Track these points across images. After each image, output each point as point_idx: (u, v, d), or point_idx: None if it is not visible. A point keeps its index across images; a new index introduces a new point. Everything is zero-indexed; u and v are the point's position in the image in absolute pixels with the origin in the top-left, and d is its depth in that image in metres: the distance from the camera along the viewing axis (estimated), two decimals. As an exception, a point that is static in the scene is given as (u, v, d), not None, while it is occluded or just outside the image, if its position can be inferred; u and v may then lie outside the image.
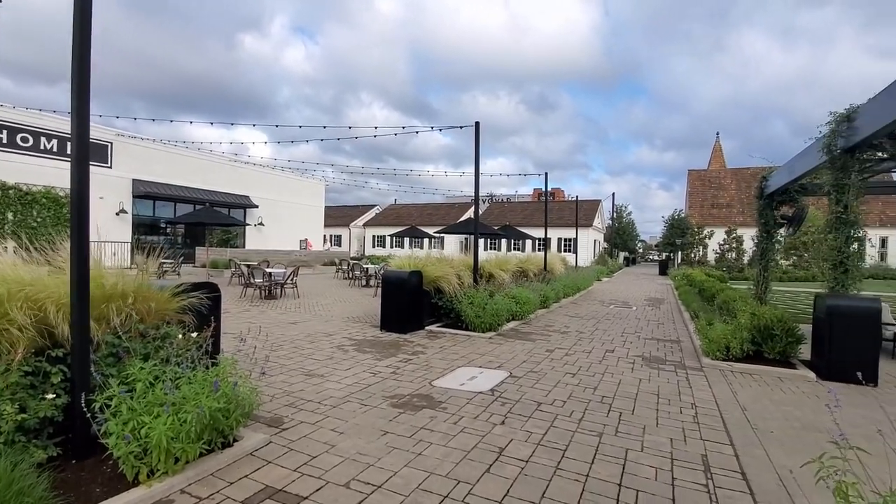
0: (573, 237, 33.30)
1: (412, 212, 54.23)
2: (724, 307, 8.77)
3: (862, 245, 6.85)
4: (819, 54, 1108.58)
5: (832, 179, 6.76)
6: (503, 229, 25.27)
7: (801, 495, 2.92)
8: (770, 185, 11.06)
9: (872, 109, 5.95)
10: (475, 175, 9.86)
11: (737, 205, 42.85)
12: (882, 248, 37.81)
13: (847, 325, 5.82)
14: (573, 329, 9.21)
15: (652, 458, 3.46)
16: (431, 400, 4.61)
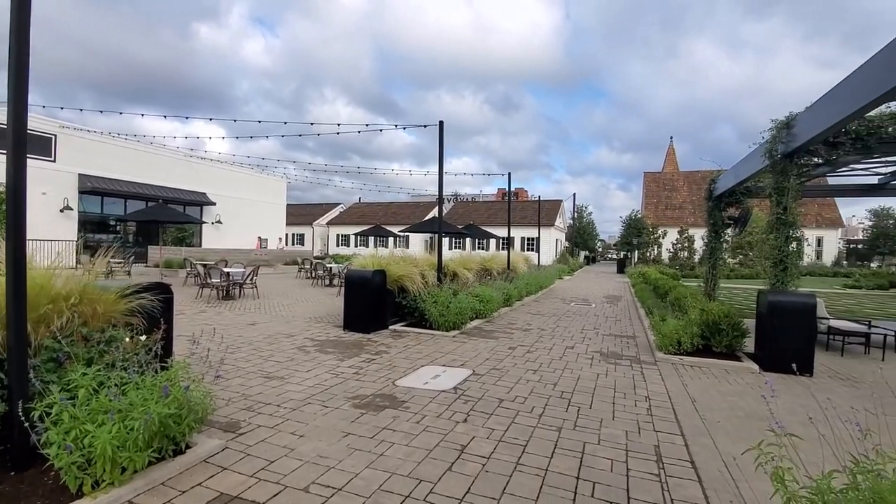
0: (536, 236, 33.91)
1: (377, 210, 53.76)
2: (677, 304, 9.15)
3: (800, 244, 7.29)
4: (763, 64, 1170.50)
5: (773, 183, 7.16)
6: (467, 228, 25.43)
7: (744, 480, 3.08)
8: (718, 187, 11.62)
9: (808, 118, 6.34)
10: (439, 174, 9.87)
11: (689, 206, 44.79)
12: (818, 248, 40.45)
13: (786, 320, 6.19)
14: (535, 326, 9.37)
15: (608, 450, 3.56)
16: (394, 400, 4.58)
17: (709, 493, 2.95)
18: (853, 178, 10.50)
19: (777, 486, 1.78)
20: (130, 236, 25.22)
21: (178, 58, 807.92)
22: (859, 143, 6.59)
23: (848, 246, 45.53)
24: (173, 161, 25.83)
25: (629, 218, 43.37)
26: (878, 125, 6.49)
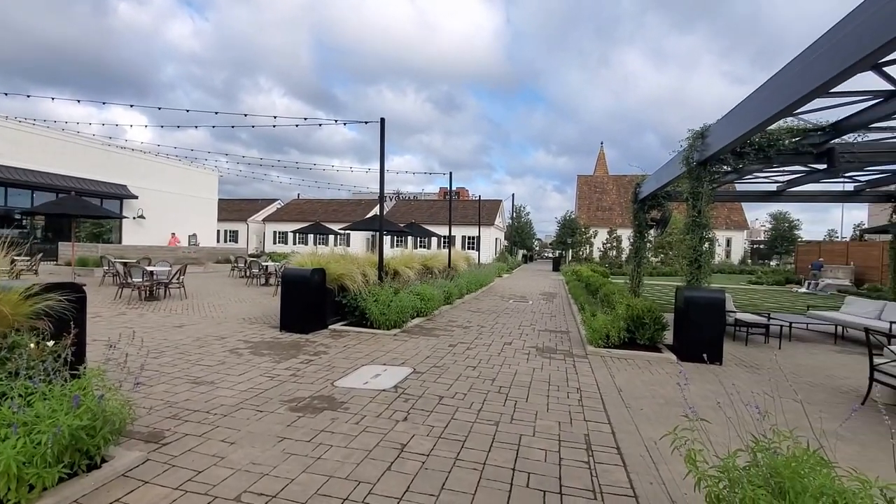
0: (476, 235, 34.45)
1: (317, 207, 52.20)
2: (606, 300, 9.65)
3: (712, 245, 7.95)
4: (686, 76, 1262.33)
5: (689, 188, 7.75)
6: (409, 227, 25.33)
7: (663, 462, 3.32)
8: (642, 191, 12.39)
9: (719, 129, 6.92)
10: (380, 172, 9.75)
11: (617, 208, 47.40)
12: (727, 248, 44.27)
13: (699, 313, 6.72)
14: (475, 324, 9.52)
15: (542, 441, 3.70)
16: (333, 401, 4.48)
17: (632, 476, 3.14)
18: (757, 185, 11.60)
19: (690, 467, 1.93)
20: (38, 231, 22.76)
21: (94, 36, 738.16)
22: (761, 153, 7.29)
23: (752, 246, 50.17)
24: (89, 149, 23.57)
25: (564, 218, 45.21)
26: (777, 138, 7.21)
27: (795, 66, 4.87)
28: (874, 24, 3.66)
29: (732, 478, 1.84)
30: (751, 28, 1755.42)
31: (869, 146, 7.36)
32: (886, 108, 5.70)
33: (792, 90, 4.89)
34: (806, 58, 4.66)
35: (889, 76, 4.95)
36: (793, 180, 10.42)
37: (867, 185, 10.89)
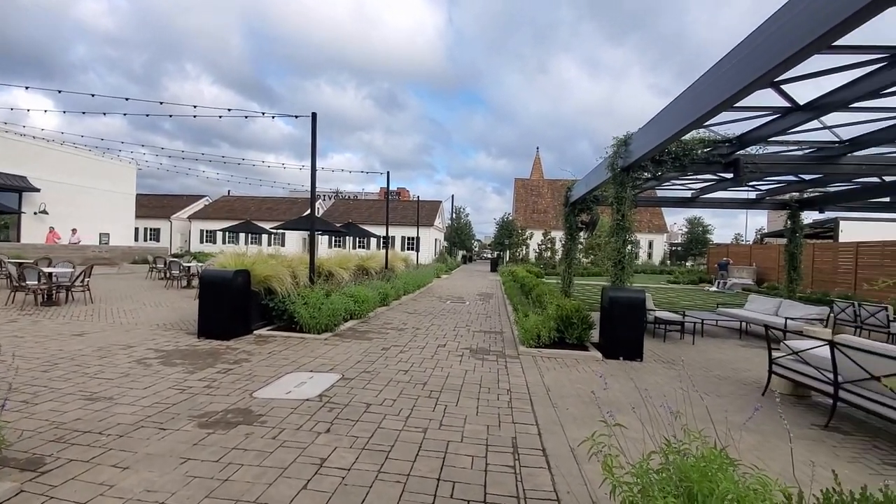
0: (416, 236, 34.31)
1: (249, 205, 49.61)
2: (538, 300, 9.86)
3: (634, 247, 8.34)
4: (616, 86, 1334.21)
5: (614, 193, 8.07)
6: (346, 227, 24.68)
7: (587, 462, 3.34)
8: (573, 195, 12.83)
9: (640, 138, 7.25)
10: (311, 169, 9.34)
11: (551, 211, 49.12)
12: (650, 249, 47.28)
13: (622, 312, 7.01)
14: (410, 325, 9.37)
15: (470, 447, 3.62)
16: (249, 414, 4.14)
17: (556, 478, 3.14)
18: (675, 191, 12.40)
19: (606, 474, 1.91)
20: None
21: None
22: (677, 162, 7.73)
23: (671, 248, 53.94)
24: (-22, 137, 20.84)
25: (502, 220, 46.22)
26: (691, 148, 7.68)
27: (705, 81, 5.17)
28: (772, 44, 3.94)
29: (646, 482, 1.83)
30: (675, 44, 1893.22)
31: (768, 158, 8.03)
32: (783, 123, 6.23)
33: (702, 103, 5.18)
34: (714, 73, 4.96)
35: (785, 93, 5.38)
36: (705, 188, 11.22)
37: (767, 194, 11.98)
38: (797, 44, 3.58)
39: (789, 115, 6.06)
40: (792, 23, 3.66)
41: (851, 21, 3.12)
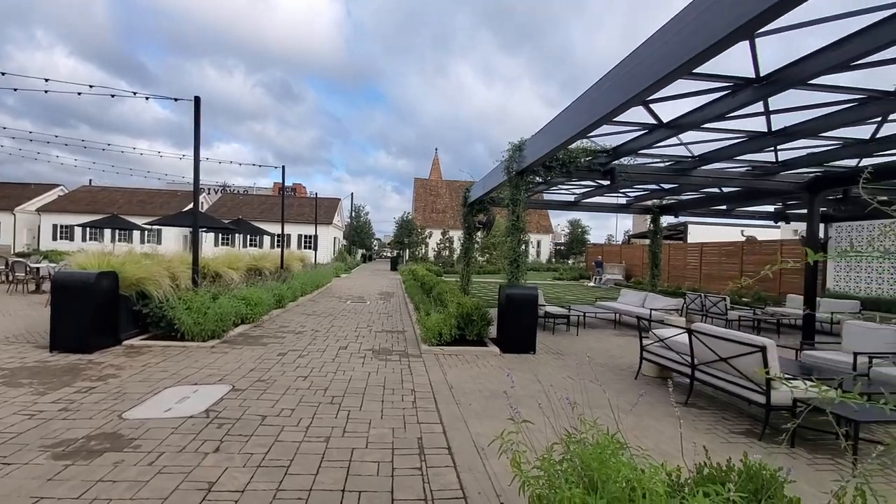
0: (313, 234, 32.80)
1: (117, 197, 43.35)
2: (439, 298, 9.98)
3: (527, 246, 8.82)
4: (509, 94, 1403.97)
5: (510, 195, 8.45)
6: (236, 224, 22.74)
7: (491, 457, 3.42)
8: (471, 196, 13.22)
9: (532, 145, 7.68)
10: (195, 159, 8.41)
11: (450, 211, 50.32)
12: (538, 248, 50.71)
13: (518, 308, 7.36)
14: (309, 328, 8.90)
15: (376, 452, 3.50)
16: (119, 439, 3.57)
17: (462, 475, 3.16)
18: (560, 195, 13.39)
19: (515, 471, 1.94)
20: None
21: None
22: (564, 168, 8.32)
23: (556, 247, 58.40)
24: None
25: (402, 219, 46.20)
26: (576, 156, 8.31)
27: (589, 97, 5.62)
28: (645, 68, 4.38)
29: (551, 474, 1.90)
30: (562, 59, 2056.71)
31: (638, 168, 9.01)
32: (650, 138, 7.01)
33: (586, 116, 5.62)
34: (597, 90, 5.40)
35: (653, 112, 6.06)
36: (586, 193, 12.28)
37: (635, 200, 13.48)
38: (666, 69, 4.02)
39: (655, 132, 6.83)
40: (662, 50, 4.10)
41: (708, 52, 3.58)
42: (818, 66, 4.18)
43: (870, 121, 5.83)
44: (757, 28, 3.21)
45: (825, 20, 3.65)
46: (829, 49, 4.03)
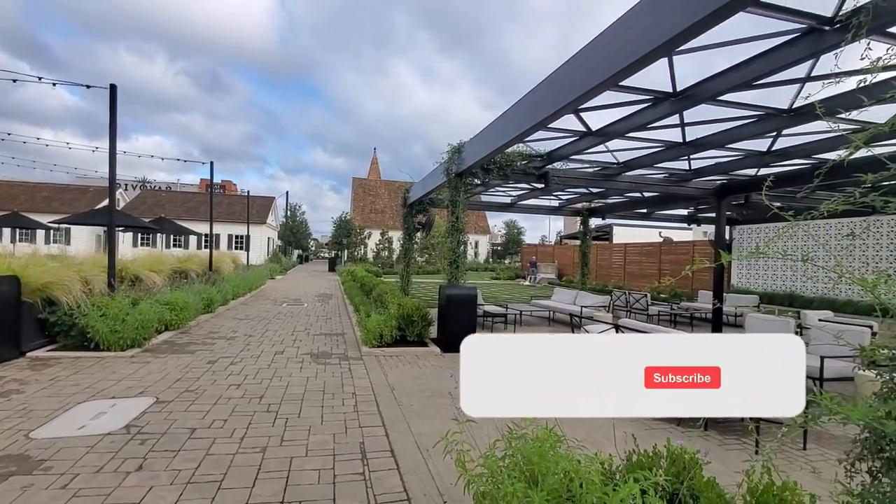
0: (246, 234, 31.12)
1: (16, 192, 38.52)
2: (379, 299, 9.87)
3: (466, 247, 8.95)
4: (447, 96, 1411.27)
5: (449, 196, 8.54)
6: (157, 222, 21.05)
7: (433, 457, 3.43)
8: (410, 196, 13.21)
9: (471, 147, 7.81)
10: (111, 152, 7.69)
11: (389, 211, 49.89)
12: (476, 249, 51.62)
13: (458, 308, 7.46)
14: (241, 333, 8.44)
15: (316, 460, 3.39)
16: (27, 461, 3.19)
17: (406, 478, 3.14)
18: (497, 197, 13.73)
19: (460, 470, 1.97)
20: None
21: None
22: (501, 171, 8.54)
23: (493, 248, 59.80)
24: None
25: (339, 219, 45.16)
26: (512, 160, 8.56)
27: (525, 103, 5.81)
28: (575, 79, 4.61)
29: (494, 472, 1.94)
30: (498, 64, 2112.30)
31: (569, 173, 9.45)
32: (581, 144, 7.37)
33: (523, 122, 5.81)
34: (532, 97, 5.60)
35: (583, 120, 6.38)
36: (522, 195, 12.69)
37: (566, 203, 14.12)
38: (595, 80, 4.24)
39: (585, 139, 7.20)
40: (592, 63, 4.33)
41: (632, 67, 3.83)
42: (725, 84, 4.61)
43: (767, 135, 6.51)
44: (674, 47, 3.47)
45: (732, 43, 4.03)
46: (734, 69, 4.45)
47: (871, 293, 1.46)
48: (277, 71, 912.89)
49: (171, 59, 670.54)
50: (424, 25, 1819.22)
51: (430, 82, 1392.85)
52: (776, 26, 3.62)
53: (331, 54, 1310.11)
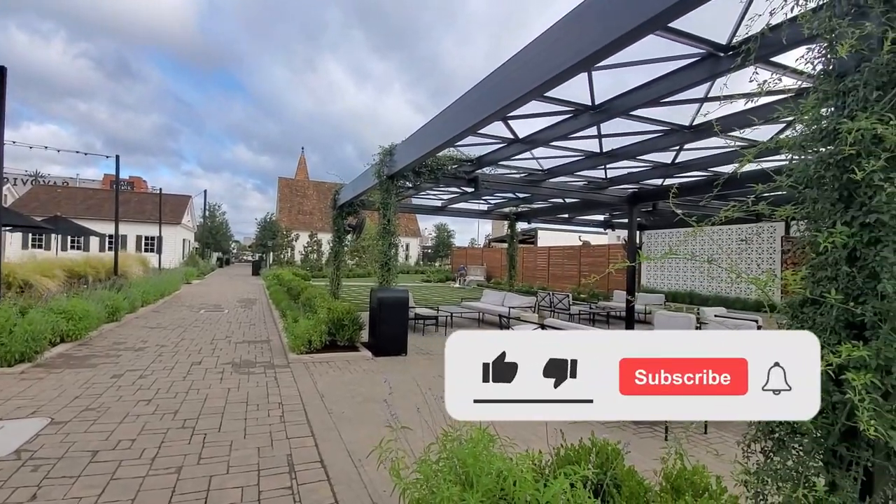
0: (157, 235, 28.45)
1: None
2: (308, 304, 9.48)
3: (397, 250, 8.88)
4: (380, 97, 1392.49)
5: (381, 198, 8.42)
6: (52, 222, 18.63)
7: (364, 465, 3.34)
8: (340, 198, 12.87)
9: (403, 150, 7.76)
10: (-8, 146, 6.69)
11: (318, 213, 48.26)
12: (407, 251, 51.52)
13: (389, 311, 7.36)
14: (153, 343, 7.70)
15: (238, 477, 3.16)
16: None
17: (337, 488, 3.02)
18: (428, 200, 13.79)
19: (395, 479, 1.92)
20: None
21: None
22: (433, 175, 8.59)
23: (424, 250, 60.01)
24: None
25: (264, 220, 42.91)
26: (443, 163, 8.64)
27: (456, 108, 5.87)
28: (503, 87, 4.74)
29: (429, 476, 1.92)
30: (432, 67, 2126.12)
31: (498, 178, 9.72)
32: (509, 150, 7.60)
33: (453, 127, 5.87)
34: (463, 102, 5.68)
35: (511, 128, 6.59)
36: (452, 199, 12.85)
37: (495, 207, 14.52)
38: (522, 90, 4.39)
39: (512, 145, 7.44)
40: (518, 73, 4.47)
41: (555, 80, 3.99)
42: (637, 100, 4.98)
43: (671, 148, 7.14)
44: (594, 63, 3.69)
45: (644, 62, 4.36)
46: (644, 87, 4.83)
47: (763, 291, 1.63)
48: (197, 59, 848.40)
49: (71, 40, 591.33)
50: (358, 23, 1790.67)
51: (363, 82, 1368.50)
52: (681, 50, 3.97)
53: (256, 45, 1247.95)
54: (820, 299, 1.53)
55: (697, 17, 3.02)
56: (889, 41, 1.43)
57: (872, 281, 1.44)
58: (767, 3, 1.81)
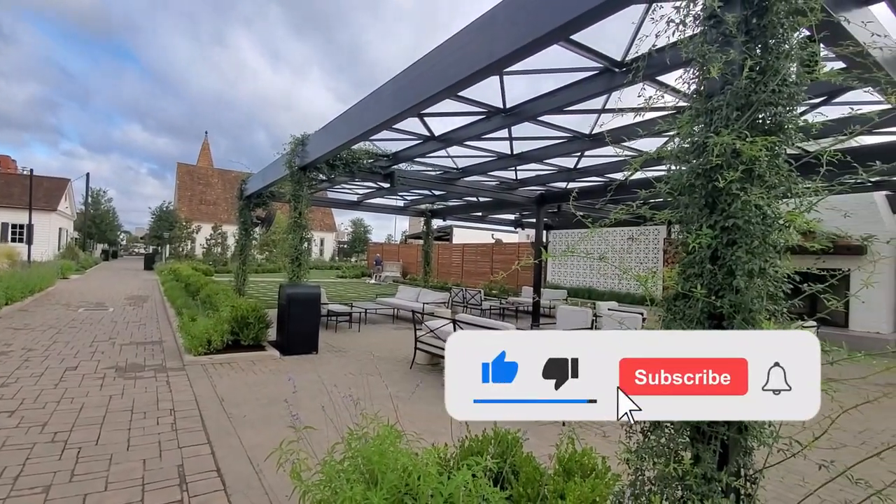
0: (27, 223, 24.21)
1: None
2: (208, 301, 8.73)
3: (309, 244, 8.49)
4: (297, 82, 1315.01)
5: (292, 190, 7.99)
6: None
7: (266, 471, 3.13)
8: (248, 188, 12.02)
9: (317, 140, 7.43)
10: None
11: (222, 203, 44.62)
12: (321, 247, 49.72)
13: (299, 308, 7.01)
14: (18, 347, 6.57)
15: (120, 493, 2.80)
16: None
17: (234, 498, 2.80)
18: (343, 194, 13.39)
19: (295, 482, 1.82)
20: None
21: None
22: (348, 168, 8.33)
23: (339, 246, 58.30)
24: None
25: (160, 209, 38.76)
26: (359, 157, 8.42)
27: (372, 101, 5.73)
28: (418, 84, 4.71)
29: (332, 477, 1.84)
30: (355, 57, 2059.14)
31: (414, 174, 9.70)
32: (424, 147, 7.62)
33: (369, 119, 5.71)
34: (378, 96, 5.56)
35: (427, 125, 6.60)
36: (368, 194, 12.60)
37: (411, 203, 14.51)
38: (435, 88, 4.39)
39: (428, 143, 7.46)
40: (433, 71, 4.47)
41: (468, 80, 4.05)
42: (543, 106, 5.24)
43: (574, 154, 7.64)
44: (503, 67, 3.79)
45: (552, 71, 4.60)
46: (550, 95, 5.09)
47: (645, 287, 1.79)
48: (84, 25, 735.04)
49: None
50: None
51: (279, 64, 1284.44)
52: (585, 63, 4.23)
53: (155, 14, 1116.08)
54: (689, 293, 1.71)
55: (602, 30, 3.23)
56: (747, 68, 1.64)
57: (730, 277, 1.64)
58: (654, 25, 1.98)
